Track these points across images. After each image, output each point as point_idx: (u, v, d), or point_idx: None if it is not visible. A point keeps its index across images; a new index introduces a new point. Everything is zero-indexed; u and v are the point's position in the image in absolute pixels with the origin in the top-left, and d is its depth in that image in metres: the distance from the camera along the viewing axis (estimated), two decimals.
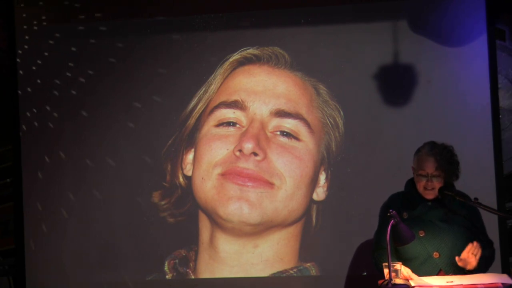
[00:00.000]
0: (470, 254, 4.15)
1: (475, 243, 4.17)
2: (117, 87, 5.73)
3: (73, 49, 5.77)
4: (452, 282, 4.03)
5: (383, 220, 4.35)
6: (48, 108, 5.80)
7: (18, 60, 5.83)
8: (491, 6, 5.38)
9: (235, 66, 5.62)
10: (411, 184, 4.37)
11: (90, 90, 5.76)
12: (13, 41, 5.84)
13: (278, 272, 5.53)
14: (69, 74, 5.78)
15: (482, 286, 3.99)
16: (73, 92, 5.77)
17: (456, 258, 4.17)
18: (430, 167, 4.22)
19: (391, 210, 4.10)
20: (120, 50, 5.73)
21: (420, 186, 4.27)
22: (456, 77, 5.39)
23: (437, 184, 4.25)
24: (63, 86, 5.78)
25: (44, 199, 5.78)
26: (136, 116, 5.70)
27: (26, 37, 5.82)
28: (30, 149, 5.81)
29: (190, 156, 5.63)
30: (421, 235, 4.25)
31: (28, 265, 5.79)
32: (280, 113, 5.50)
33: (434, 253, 4.26)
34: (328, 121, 5.51)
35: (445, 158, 4.24)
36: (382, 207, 4.45)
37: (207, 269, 5.59)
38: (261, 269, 5.54)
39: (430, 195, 4.27)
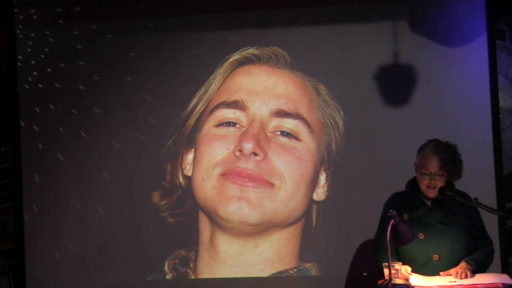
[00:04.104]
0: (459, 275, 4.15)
1: (461, 266, 4.18)
2: (116, 87, 5.73)
3: (73, 48, 5.77)
4: (455, 282, 4.04)
5: (384, 220, 4.34)
6: (48, 107, 5.79)
7: (18, 60, 5.82)
8: (491, 6, 5.38)
9: (235, 66, 5.62)
10: (412, 184, 4.37)
11: (89, 89, 5.75)
12: (13, 41, 5.84)
13: (278, 272, 5.53)
14: (68, 74, 5.77)
15: (482, 286, 4.00)
16: (73, 91, 5.77)
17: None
18: (433, 166, 4.21)
19: (391, 210, 4.10)
20: (120, 49, 5.72)
21: (423, 184, 4.26)
22: (456, 77, 5.39)
23: (439, 183, 4.24)
24: (62, 86, 5.78)
25: (44, 199, 5.77)
26: (136, 116, 5.70)
27: (26, 36, 5.82)
28: (30, 149, 5.80)
29: (190, 156, 5.63)
30: (421, 238, 4.24)
31: (28, 265, 5.79)
32: (280, 113, 5.49)
33: (434, 255, 4.25)
34: (328, 121, 5.51)
35: (448, 157, 4.23)
36: (384, 206, 4.44)
37: (207, 269, 5.59)
38: (261, 269, 5.54)
39: (432, 193, 4.27)
